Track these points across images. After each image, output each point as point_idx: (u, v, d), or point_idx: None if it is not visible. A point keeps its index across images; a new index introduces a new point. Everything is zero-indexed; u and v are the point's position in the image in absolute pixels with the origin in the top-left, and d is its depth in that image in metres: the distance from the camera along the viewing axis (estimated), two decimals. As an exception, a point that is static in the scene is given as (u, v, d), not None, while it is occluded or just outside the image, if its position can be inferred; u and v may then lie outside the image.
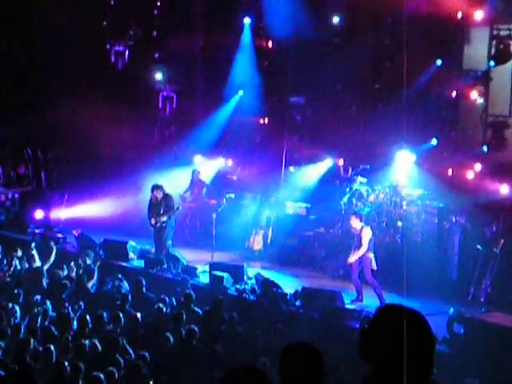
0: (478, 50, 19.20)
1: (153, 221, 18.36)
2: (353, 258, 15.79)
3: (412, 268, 16.33)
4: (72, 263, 17.43)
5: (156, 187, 18.44)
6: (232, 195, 20.87)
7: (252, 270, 17.23)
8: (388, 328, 3.76)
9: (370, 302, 15.42)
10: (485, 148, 18.81)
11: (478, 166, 18.54)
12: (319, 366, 4.04)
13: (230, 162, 22.34)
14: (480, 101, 19.08)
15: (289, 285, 16.52)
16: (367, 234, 15.83)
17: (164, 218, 18.25)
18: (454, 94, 19.39)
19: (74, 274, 16.81)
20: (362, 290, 15.85)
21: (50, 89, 24.55)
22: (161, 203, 18.32)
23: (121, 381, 10.53)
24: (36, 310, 14.35)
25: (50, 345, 11.57)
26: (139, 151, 23.29)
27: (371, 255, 15.84)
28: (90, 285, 16.20)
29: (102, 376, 10.03)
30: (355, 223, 15.96)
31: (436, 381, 3.80)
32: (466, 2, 18.68)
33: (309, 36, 20.57)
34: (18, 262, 17.41)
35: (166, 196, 18.44)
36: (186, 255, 18.37)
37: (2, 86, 24.60)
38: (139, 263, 18.40)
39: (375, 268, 15.84)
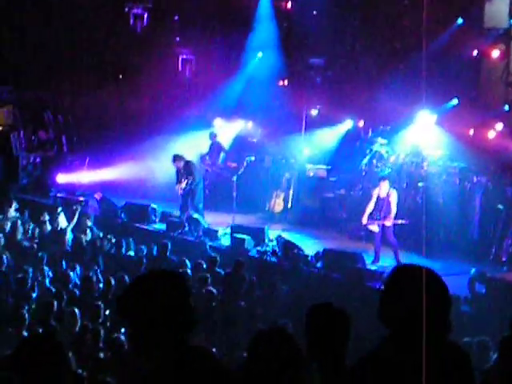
0: (499, 8, 18.92)
1: (177, 187, 18.47)
2: (389, 223, 15.65)
3: (433, 229, 16.33)
4: (94, 227, 17.62)
5: (176, 157, 18.47)
6: (252, 158, 20.83)
7: (273, 232, 17.22)
8: (403, 288, 3.77)
9: (391, 262, 15.38)
10: (506, 107, 18.62)
11: (499, 126, 18.36)
12: (346, 327, 4.04)
13: (249, 125, 22.28)
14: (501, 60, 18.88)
15: (310, 247, 16.48)
16: (395, 197, 15.76)
17: (183, 185, 18.30)
18: (474, 52, 19.17)
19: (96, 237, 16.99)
20: (379, 251, 15.78)
21: (68, 52, 24.51)
22: (183, 172, 18.38)
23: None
24: (60, 272, 14.51)
25: (73, 307, 11.72)
26: (159, 114, 23.29)
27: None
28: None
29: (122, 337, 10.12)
30: (385, 187, 15.77)
31: (452, 341, 3.81)
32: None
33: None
34: (42, 225, 17.56)
35: (187, 164, 18.47)
36: (207, 218, 18.45)
37: (20, 52, 24.57)
38: (161, 226, 18.49)
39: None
